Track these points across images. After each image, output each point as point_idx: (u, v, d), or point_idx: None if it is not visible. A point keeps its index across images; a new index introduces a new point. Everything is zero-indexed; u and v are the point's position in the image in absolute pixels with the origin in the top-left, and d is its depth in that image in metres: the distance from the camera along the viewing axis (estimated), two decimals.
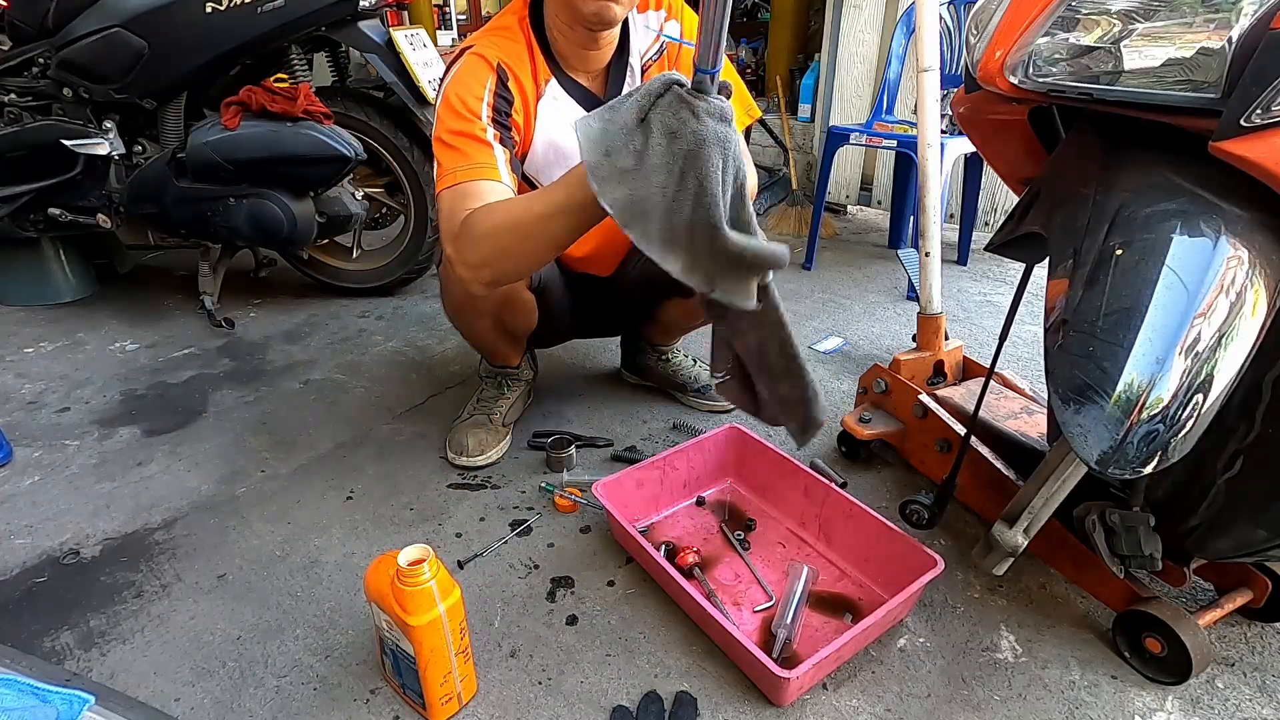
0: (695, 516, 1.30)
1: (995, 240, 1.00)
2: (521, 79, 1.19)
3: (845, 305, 2.24)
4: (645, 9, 1.28)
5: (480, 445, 1.44)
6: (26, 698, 0.64)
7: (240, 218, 1.84)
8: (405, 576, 0.84)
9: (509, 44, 1.20)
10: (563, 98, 1.24)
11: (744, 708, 0.95)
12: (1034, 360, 1.85)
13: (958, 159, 2.29)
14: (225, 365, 1.89)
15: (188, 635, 1.08)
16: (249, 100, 1.76)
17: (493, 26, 1.24)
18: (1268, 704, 0.96)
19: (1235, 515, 0.90)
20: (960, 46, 2.22)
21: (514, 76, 1.18)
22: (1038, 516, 0.97)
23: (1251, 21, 0.68)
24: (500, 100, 1.15)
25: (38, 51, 1.87)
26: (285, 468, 1.46)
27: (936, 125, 1.41)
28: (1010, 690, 0.98)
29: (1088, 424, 0.73)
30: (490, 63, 1.15)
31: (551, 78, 1.23)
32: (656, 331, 1.64)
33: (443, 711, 0.92)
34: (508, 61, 1.17)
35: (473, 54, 1.16)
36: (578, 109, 1.25)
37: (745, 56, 3.85)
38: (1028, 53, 0.84)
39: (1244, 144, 0.68)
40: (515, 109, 1.18)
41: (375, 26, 1.97)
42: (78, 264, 2.30)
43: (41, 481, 1.43)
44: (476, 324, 1.39)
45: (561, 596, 1.14)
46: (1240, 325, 0.71)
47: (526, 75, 1.21)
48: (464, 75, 1.14)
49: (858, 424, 1.39)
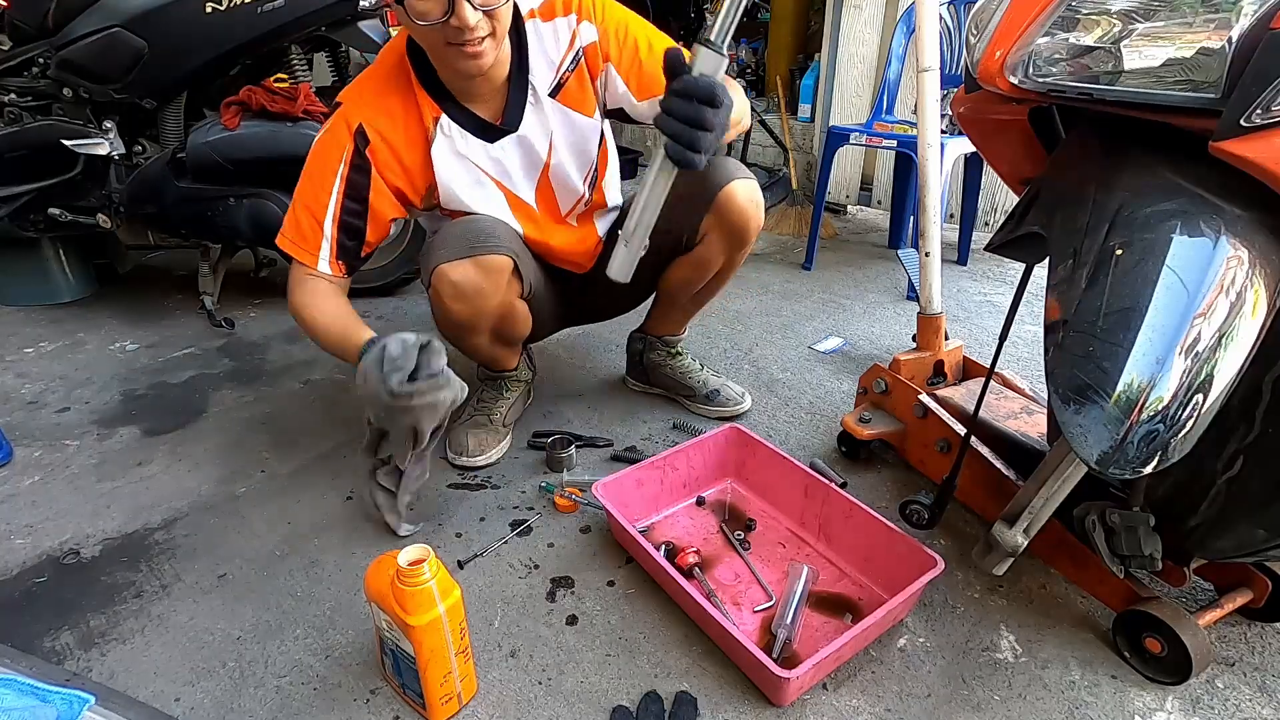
0: (695, 516, 1.31)
1: (995, 240, 1.00)
2: (390, 135, 1.20)
3: (845, 305, 2.24)
4: (551, 17, 1.22)
5: (480, 445, 1.44)
6: (26, 698, 0.65)
7: (240, 218, 1.84)
8: (405, 576, 0.84)
9: (379, 96, 1.20)
10: (456, 132, 1.22)
11: (744, 708, 0.95)
12: (1034, 360, 1.85)
13: (958, 159, 2.28)
14: (225, 365, 1.89)
15: (188, 635, 1.08)
16: (249, 100, 1.76)
17: (367, 75, 1.23)
18: (1268, 704, 0.96)
19: (1235, 515, 0.90)
20: (960, 46, 2.22)
21: (378, 137, 1.19)
22: (1038, 516, 0.97)
23: (1251, 21, 0.68)
24: (355, 171, 1.20)
25: (38, 51, 1.86)
26: (285, 468, 1.46)
27: (936, 125, 1.41)
28: (1010, 690, 0.98)
29: (1088, 424, 0.73)
30: (351, 127, 1.18)
31: (441, 114, 1.21)
32: (662, 316, 1.62)
33: (443, 711, 0.92)
34: (370, 119, 1.19)
35: (336, 118, 1.20)
36: (473, 140, 1.24)
37: (745, 56, 3.85)
38: (1028, 53, 0.84)
39: (1244, 144, 0.68)
40: (379, 173, 1.21)
41: (375, 26, 1.97)
42: (78, 264, 2.30)
43: (41, 481, 1.43)
44: (474, 340, 1.37)
45: (561, 596, 1.14)
46: (1240, 325, 0.71)
47: (404, 127, 1.21)
48: (322, 146, 1.21)
49: (858, 424, 1.39)
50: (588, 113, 1.28)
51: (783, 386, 1.76)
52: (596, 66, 1.25)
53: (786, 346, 1.97)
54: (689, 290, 1.52)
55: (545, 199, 1.35)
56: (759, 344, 1.98)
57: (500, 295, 1.27)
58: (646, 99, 1.25)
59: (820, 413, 1.64)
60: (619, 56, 1.24)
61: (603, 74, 1.26)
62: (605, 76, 1.26)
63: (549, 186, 1.34)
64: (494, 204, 1.30)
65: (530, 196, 1.33)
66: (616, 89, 1.26)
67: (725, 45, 0.87)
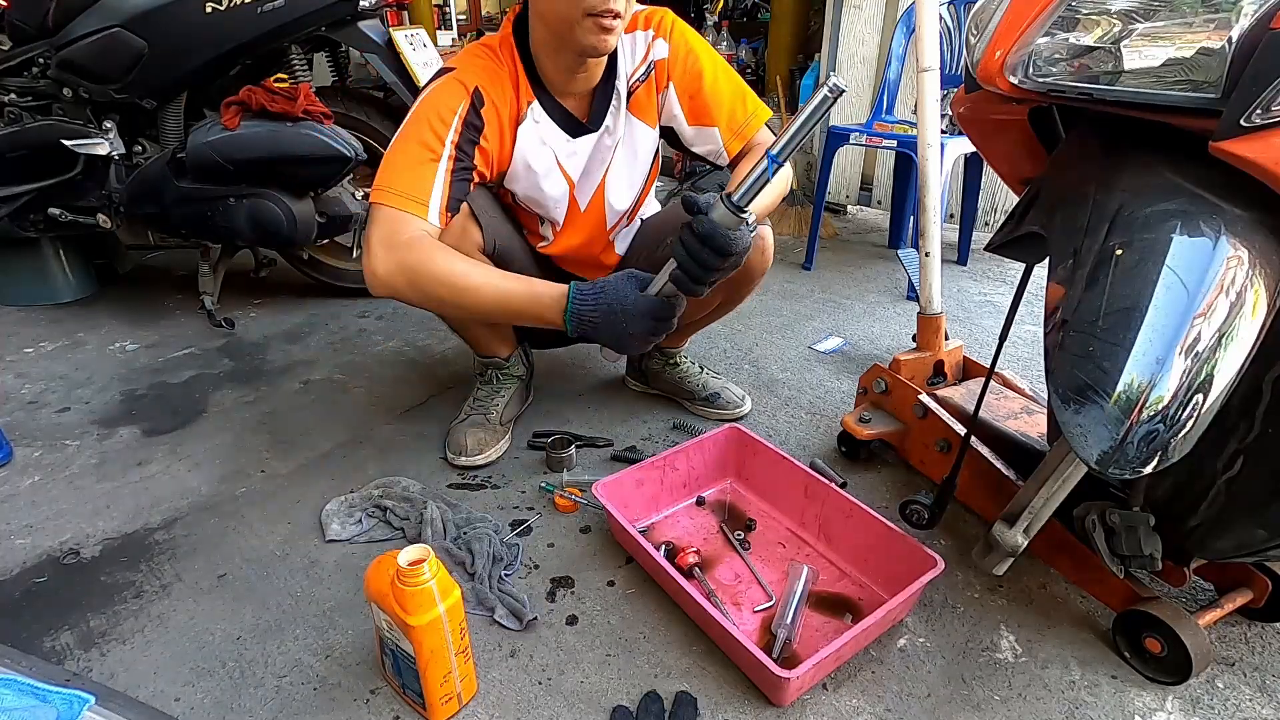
0: (695, 516, 1.31)
1: (995, 240, 1.00)
2: (499, 104, 1.20)
3: (845, 305, 2.24)
4: (633, 29, 1.27)
5: (479, 445, 1.44)
6: (26, 698, 0.64)
7: (240, 218, 1.84)
8: (405, 576, 0.84)
9: (491, 66, 1.21)
10: (544, 120, 1.25)
11: (744, 708, 0.95)
12: (1034, 360, 1.85)
13: (958, 159, 2.29)
14: (225, 365, 1.89)
15: (188, 635, 1.08)
16: (249, 100, 1.76)
17: (476, 47, 1.24)
18: (1268, 704, 0.96)
19: (1235, 515, 0.90)
20: (960, 46, 2.22)
21: (490, 102, 1.18)
22: (1038, 516, 0.97)
23: (1251, 21, 0.68)
24: (469, 128, 1.16)
25: (38, 51, 1.87)
26: (285, 468, 1.46)
27: (936, 125, 1.41)
28: (1010, 690, 0.98)
29: (1088, 424, 0.73)
30: (467, 87, 1.16)
31: (534, 100, 1.23)
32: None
33: (443, 711, 0.92)
34: (485, 86, 1.18)
35: (451, 77, 1.17)
36: (559, 132, 1.26)
37: (745, 56, 3.85)
38: (1028, 53, 0.84)
39: (1244, 144, 0.68)
40: (486, 135, 1.18)
41: (375, 26, 1.97)
42: (78, 264, 2.30)
43: (41, 481, 1.43)
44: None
45: (561, 596, 1.14)
46: (1240, 325, 0.71)
47: (506, 99, 1.21)
48: (438, 95, 1.16)
49: (858, 424, 1.39)
50: (650, 123, 1.33)
51: (783, 386, 1.76)
52: (663, 82, 1.29)
53: (786, 346, 1.97)
54: (688, 319, 1.55)
55: (596, 208, 1.38)
56: (759, 344, 1.98)
57: (453, 238, 1.20)
58: (695, 126, 1.31)
59: (820, 413, 1.64)
60: (681, 78, 1.29)
61: (665, 91, 1.30)
62: (666, 95, 1.31)
63: (602, 196, 1.36)
64: (557, 194, 1.32)
65: (586, 199, 1.36)
66: (672, 109, 1.31)
67: (748, 209, 0.96)
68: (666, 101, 1.31)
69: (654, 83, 1.29)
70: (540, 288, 1.11)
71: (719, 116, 1.29)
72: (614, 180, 1.35)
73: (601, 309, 1.06)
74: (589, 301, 1.07)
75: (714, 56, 1.31)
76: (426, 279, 1.10)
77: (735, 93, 1.30)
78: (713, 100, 1.28)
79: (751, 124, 1.30)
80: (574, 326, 1.08)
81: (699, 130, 1.31)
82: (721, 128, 1.29)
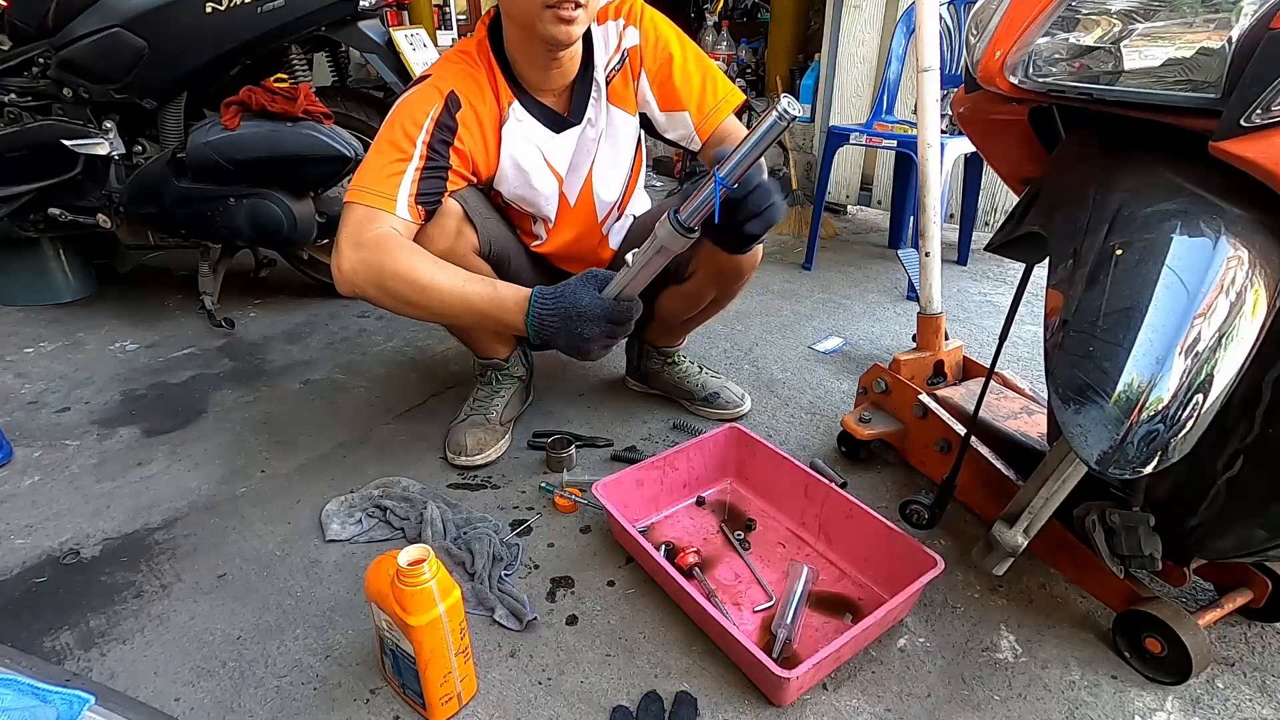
0: (695, 516, 1.30)
1: (995, 240, 1.00)
2: (478, 106, 1.21)
3: (845, 305, 2.24)
4: (604, 19, 1.28)
5: (479, 445, 1.44)
6: (26, 698, 0.65)
7: (240, 218, 1.84)
8: (405, 576, 0.84)
9: (467, 70, 1.22)
10: (526, 119, 1.26)
11: (744, 708, 0.95)
12: (1034, 360, 1.85)
13: (958, 159, 2.28)
14: (225, 365, 1.89)
15: (188, 635, 1.08)
16: (249, 100, 1.76)
17: (452, 54, 1.25)
18: (1268, 704, 0.96)
19: (1235, 515, 0.90)
20: (960, 46, 2.22)
21: (468, 104, 1.20)
22: (1038, 516, 0.97)
23: (1251, 21, 0.68)
24: (441, 128, 1.17)
25: (38, 51, 1.87)
26: (285, 468, 1.46)
27: (936, 125, 1.41)
28: (1010, 690, 0.98)
29: (1088, 424, 0.73)
30: (441, 91, 1.18)
31: (514, 100, 1.25)
32: (658, 332, 1.63)
33: (443, 711, 0.92)
34: (462, 89, 1.19)
35: (426, 84, 1.19)
36: (542, 128, 1.27)
37: (745, 56, 3.85)
38: (1028, 53, 0.84)
39: (1244, 144, 0.68)
40: (461, 137, 1.19)
41: (375, 26, 1.97)
42: (78, 264, 2.31)
43: (41, 481, 1.43)
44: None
45: (561, 596, 1.14)
46: (1240, 325, 0.71)
47: (486, 101, 1.23)
48: (411, 101, 1.18)
49: (858, 424, 1.39)
50: (630, 111, 1.34)
51: (783, 386, 1.76)
52: (637, 69, 1.30)
53: (786, 346, 1.97)
54: (681, 317, 1.56)
55: (586, 201, 1.38)
56: (759, 344, 1.98)
57: (448, 241, 1.23)
58: (667, 112, 1.32)
59: (820, 413, 1.64)
60: (652, 63, 1.30)
61: (639, 78, 1.31)
62: (640, 82, 1.32)
63: (590, 189, 1.37)
64: (547, 191, 1.33)
65: (575, 193, 1.36)
66: (645, 95, 1.32)
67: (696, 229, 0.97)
68: (640, 88, 1.32)
69: (629, 70, 1.30)
70: (504, 290, 1.11)
71: (689, 101, 1.30)
72: (600, 172, 1.36)
73: (560, 313, 1.06)
74: (549, 305, 1.07)
75: (684, 41, 1.31)
76: (390, 277, 1.09)
77: (705, 77, 1.30)
78: (682, 85, 1.29)
79: (722, 108, 1.31)
80: (535, 332, 1.08)
81: (670, 115, 1.32)
82: (692, 111, 1.30)
